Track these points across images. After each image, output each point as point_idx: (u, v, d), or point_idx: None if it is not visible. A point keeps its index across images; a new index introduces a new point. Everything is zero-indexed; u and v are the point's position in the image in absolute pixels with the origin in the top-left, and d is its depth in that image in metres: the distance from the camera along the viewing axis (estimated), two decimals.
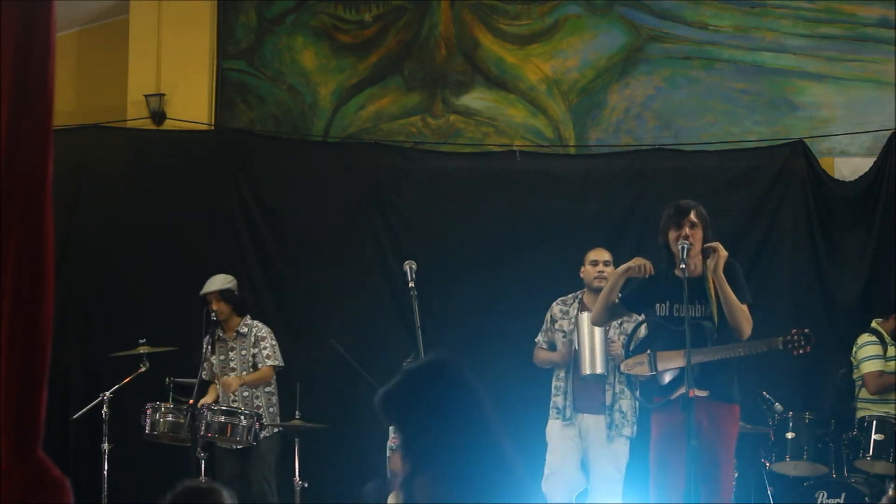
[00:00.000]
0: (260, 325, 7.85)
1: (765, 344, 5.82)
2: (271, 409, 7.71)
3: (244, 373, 7.70)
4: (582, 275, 7.34)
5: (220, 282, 7.75)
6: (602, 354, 6.84)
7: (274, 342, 7.79)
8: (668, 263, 6.02)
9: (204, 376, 7.67)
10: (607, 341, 6.94)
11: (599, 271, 7.22)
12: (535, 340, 7.50)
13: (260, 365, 7.71)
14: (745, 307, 5.85)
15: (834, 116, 8.68)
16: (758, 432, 7.46)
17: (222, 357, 7.77)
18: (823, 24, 8.75)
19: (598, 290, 7.15)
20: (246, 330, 7.77)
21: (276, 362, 7.73)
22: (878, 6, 8.68)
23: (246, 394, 7.69)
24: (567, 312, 7.34)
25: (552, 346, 7.38)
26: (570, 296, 7.43)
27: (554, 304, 7.45)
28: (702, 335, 5.74)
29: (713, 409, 5.76)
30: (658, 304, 5.99)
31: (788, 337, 5.74)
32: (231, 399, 7.58)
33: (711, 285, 5.85)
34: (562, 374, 7.21)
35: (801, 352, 5.76)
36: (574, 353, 7.13)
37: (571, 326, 7.23)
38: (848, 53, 8.70)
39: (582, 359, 6.87)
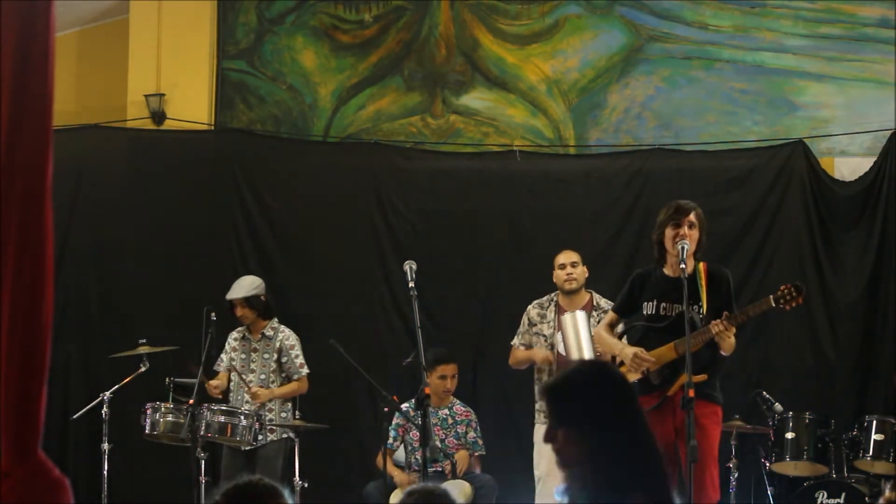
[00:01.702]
0: (288, 332, 7.74)
1: (756, 307, 5.80)
2: (283, 415, 7.65)
3: (262, 376, 7.65)
4: (554, 279, 7.37)
5: (246, 288, 7.68)
6: (589, 353, 6.79)
7: (300, 349, 7.73)
8: (656, 262, 6.03)
9: (221, 368, 7.71)
10: (592, 340, 6.90)
11: (568, 273, 7.29)
12: (511, 343, 7.49)
13: (295, 376, 7.64)
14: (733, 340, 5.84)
15: (834, 116, 8.68)
16: (758, 432, 7.45)
17: (244, 356, 7.71)
18: (823, 24, 8.75)
19: (569, 293, 7.23)
20: (272, 333, 7.71)
21: (307, 370, 7.71)
22: (878, 6, 8.67)
23: None
24: (545, 316, 7.35)
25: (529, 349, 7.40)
26: (545, 298, 7.44)
27: (530, 307, 7.46)
28: (692, 328, 5.74)
29: (696, 407, 5.73)
30: (645, 303, 6.00)
31: (779, 293, 5.70)
32: (245, 400, 7.54)
33: (704, 283, 5.85)
34: (544, 378, 7.16)
35: (793, 304, 5.71)
36: (556, 354, 7.14)
37: (551, 330, 7.24)
38: (848, 53, 8.70)
39: (571, 359, 6.81)
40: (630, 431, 3.02)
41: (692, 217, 5.92)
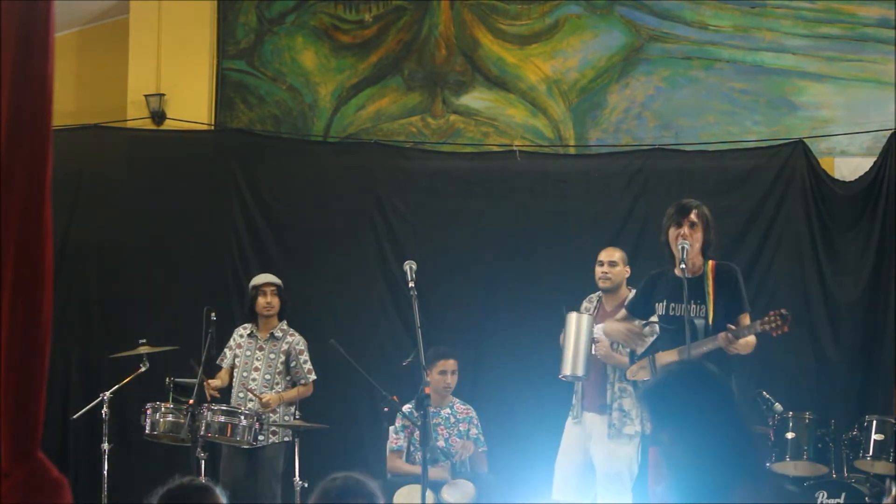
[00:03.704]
0: (298, 337, 7.76)
1: (745, 329, 5.79)
2: (287, 418, 7.64)
3: (267, 376, 7.65)
4: (595, 274, 7.28)
5: (275, 277, 7.77)
6: (584, 356, 6.70)
7: (308, 354, 7.75)
8: (668, 262, 6.03)
9: (224, 364, 7.72)
10: (592, 342, 6.83)
11: (604, 272, 7.18)
12: None
13: (302, 381, 7.67)
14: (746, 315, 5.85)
15: (834, 116, 8.68)
16: (758, 432, 7.45)
17: (248, 353, 7.72)
18: (823, 24, 8.75)
19: (605, 291, 7.16)
20: (280, 335, 7.72)
21: (314, 376, 7.74)
22: (878, 6, 8.67)
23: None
24: (590, 310, 7.29)
25: None
26: (594, 294, 7.35)
27: (584, 301, 7.38)
28: (693, 333, 5.74)
29: None
30: (657, 304, 5.99)
31: (766, 318, 5.70)
32: (248, 399, 7.54)
33: (711, 283, 5.85)
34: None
35: (779, 333, 5.72)
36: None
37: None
38: (848, 53, 8.70)
39: (563, 359, 6.75)
40: (729, 422, 3.10)
41: (693, 216, 5.91)
